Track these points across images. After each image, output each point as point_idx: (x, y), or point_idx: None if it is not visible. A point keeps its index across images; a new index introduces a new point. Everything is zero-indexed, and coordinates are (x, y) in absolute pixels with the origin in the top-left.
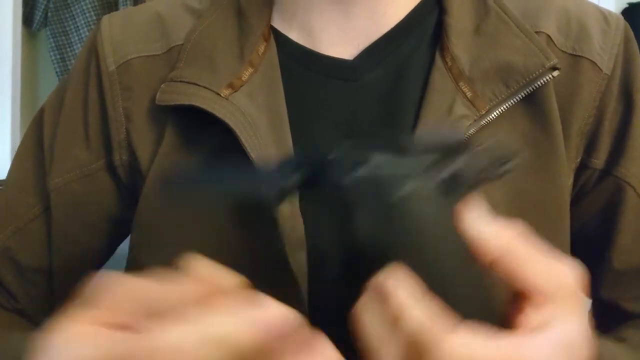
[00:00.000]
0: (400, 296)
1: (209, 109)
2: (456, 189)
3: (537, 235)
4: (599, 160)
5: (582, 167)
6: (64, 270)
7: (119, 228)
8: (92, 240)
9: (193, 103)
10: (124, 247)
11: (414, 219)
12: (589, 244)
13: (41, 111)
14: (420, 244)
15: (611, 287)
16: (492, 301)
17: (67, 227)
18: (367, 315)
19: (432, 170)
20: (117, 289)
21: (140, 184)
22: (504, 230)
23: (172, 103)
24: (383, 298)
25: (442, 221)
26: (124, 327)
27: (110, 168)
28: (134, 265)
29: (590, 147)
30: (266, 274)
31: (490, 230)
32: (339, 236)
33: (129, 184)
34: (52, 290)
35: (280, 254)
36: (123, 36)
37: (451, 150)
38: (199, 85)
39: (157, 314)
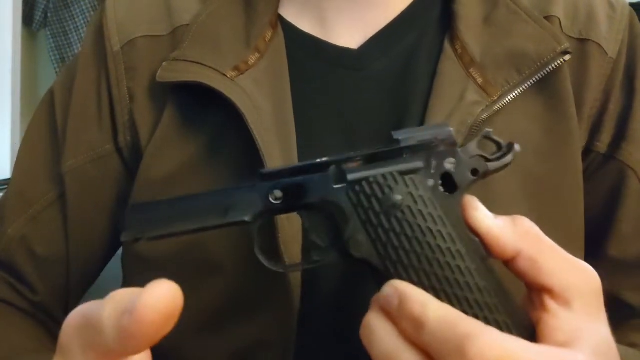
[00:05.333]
0: (416, 299)
1: (216, 87)
2: (451, 188)
3: (553, 222)
4: (602, 144)
5: (586, 152)
6: (81, 258)
7: None
8: (107, 224)
9: (199, 80)
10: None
11: (414, 223)
12: (589, 230)
13: (51, 95)
14: (426, 249)
15: (609, 275)
16: (511, 302)
17: (82, 212)
18: (376, 331)
19: (423, 172)
20: None
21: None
22: (515, 226)
23: (175, 80)
24: (393, 310)
25: (445, 221)
26: None
27: (118, 149)
28: (133, 257)
29: (594, 131)
30: (259, 268)
31: (501, 226)
32: (334, 251)
33: (132, 165)
34: (69, 281)
35: (274, 246)
36: (127, 16)
37: (440, 148)
38: (204, 65)
39: None
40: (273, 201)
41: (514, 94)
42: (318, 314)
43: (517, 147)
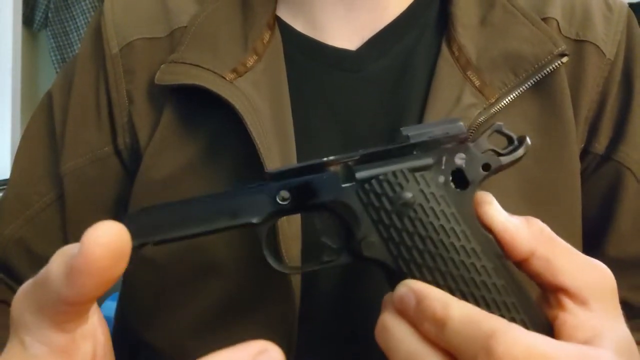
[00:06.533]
0: (436, 298)
1: (215, 90)
2: (463, 184)
3: (550, 223)
4: (600, 145)
5: (584, 153)
6: None
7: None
8: None
9: (197, 83)
10: None
11: (427, 221)
12: (587, 230)
13: (49, 97)
14: (440, 247)
15: None
16: (528, 300)
17: (80, 213)
18: (394, 333)
19: (434, 169)
20: None
21: (138, 166)
22: (529, 224)
23: (174, 83)
24: (410, 310)
25: (459, 219)
26: None
27: (117, 151)
28: (134, 258)
29: (592, 133)
30: (259, 268)
31: (517, 225)
32: (343, 249)
33: (131, 166)
34: None
35: (274, 247)
36: (125, 18)
37: (451, 144)
38: (202, 68)
39: None
40: (281, 202)
41: (511, 96)
42: (319, 313)
43: (529, 140)
